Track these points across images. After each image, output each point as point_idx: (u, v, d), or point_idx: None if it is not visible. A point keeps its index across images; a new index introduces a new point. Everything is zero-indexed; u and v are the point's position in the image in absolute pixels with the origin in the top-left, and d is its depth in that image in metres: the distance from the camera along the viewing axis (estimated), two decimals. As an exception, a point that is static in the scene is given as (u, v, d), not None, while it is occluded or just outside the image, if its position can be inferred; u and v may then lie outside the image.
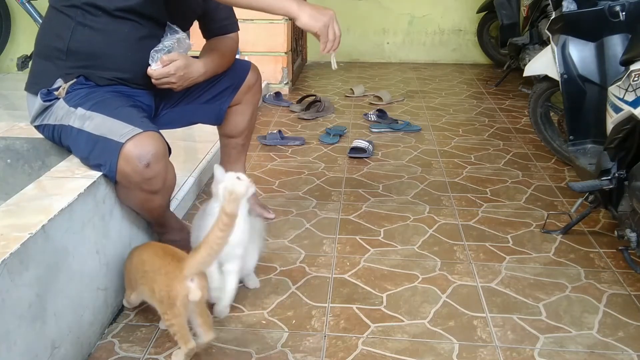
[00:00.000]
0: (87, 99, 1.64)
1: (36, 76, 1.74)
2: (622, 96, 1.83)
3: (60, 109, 1.66)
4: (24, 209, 1.35)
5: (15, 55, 3.92)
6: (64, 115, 1.64)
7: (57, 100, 1.67)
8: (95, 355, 1.51)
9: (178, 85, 1.76)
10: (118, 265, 1.66)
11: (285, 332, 1.59)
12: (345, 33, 5.39)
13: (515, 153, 3.02)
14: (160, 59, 1.69)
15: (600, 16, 2.28)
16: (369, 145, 2.98)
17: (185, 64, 1.74)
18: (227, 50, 1.97)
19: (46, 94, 1.68)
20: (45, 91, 1.68)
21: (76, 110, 1.62)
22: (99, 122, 1.57)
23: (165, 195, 1.70)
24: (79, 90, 1.66)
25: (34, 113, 1.72)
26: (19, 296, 1.18)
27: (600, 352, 1.53)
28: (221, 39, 1.98)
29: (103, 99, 1.64)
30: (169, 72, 1.70)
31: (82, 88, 1.67)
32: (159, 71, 1.70)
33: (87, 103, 1.62)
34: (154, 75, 1.70)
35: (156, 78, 1.71)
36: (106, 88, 1.69)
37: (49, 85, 1.68)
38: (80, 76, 1.68)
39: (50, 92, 1.68)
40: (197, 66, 1.80)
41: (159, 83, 1.73)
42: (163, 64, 1.69)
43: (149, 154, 1.51)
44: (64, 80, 1.67)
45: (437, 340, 1.57)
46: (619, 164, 1.89)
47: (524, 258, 1.99)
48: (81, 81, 1.68)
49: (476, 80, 4.72)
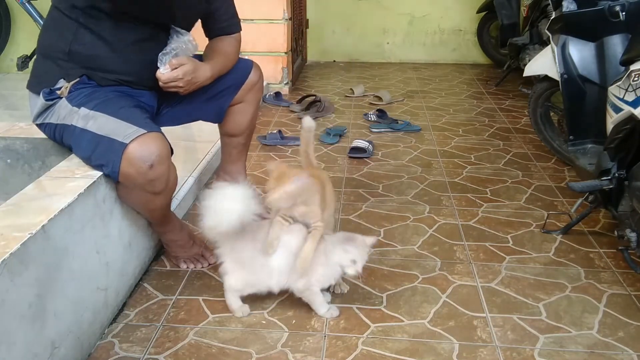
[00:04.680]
0: (90, 98, 1.64)
1: (38, 75, 1.74)
2: (622, 96, 1.83)
3: (62, 108, 1.66)
4: (24, 209, 1.35)
5: (15, 55, 3.92)
6: (67, 115, 1.64)
7: (60, 100, 1.67)
8: (95, 355, 1.51)
9: (185, 89, 1.75)
10: (118, 265, 1.66)
11: (285, 332, 1.59)
12: (346, 33, 5.42)
13: (515, 153, 3.02)
14: (169, 63, 1.68)
15: (600, 16, 2.28)
16: (369, 145, 2.98)
17: (194, 68, 1.73)
18: (231, 51, 1.97)
19: (48, 92, 1.68)
20: (48, 90, 1.68)
21: (79, 110, 1.62)
22: (103, 122, 1.57)
23: (167, 196, 1.70)
24: (82, 90, 1.67)
25: (36, 111, 1.72)
26: (19, 296, 1.18)
27: (600, 352, 1.53)
28: (224, 39, 1.97)
29: (106, 99, 1.64)
30: (177, 76, 1.70)
31: (84, 87, 1.67)
32: (167, 75, 1.69)
33: (90, 103, 1.62)
34: (163, 79, 1.69)
35: (164, 82, 1.70)
36: (109, 88, 1.69)
37: (52, 84, 1.68)
38: (83, 76, 1.68)
39: (53, 91, 1.68)
40: (204, 70, 1.79)
41: (167, 87, 1.72)
42: (172, 68, 1.69)
43: (153, 155, 1.51)
44: (67, 80, 1.68)
45: (437, 340, 1.57)
46: (619, 164, 1.89)
47: (524, 258, 1.99)
48: (84, 81, 1.68)
49: (476, 80, 4.72)
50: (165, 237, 1.88)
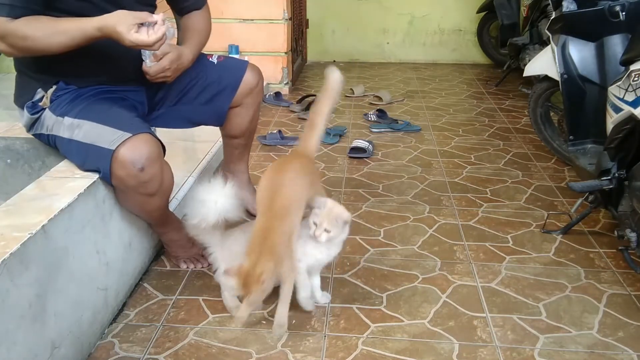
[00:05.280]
0: (72, 105, 1.62)
1: (18, 89, 1.72)
2: (622, 96, 1.83)
3: (48, 118, 1.64)
4: (24, 209, 1.35)
5: (15, 55, 3.92)
6: (54, 125, 1.63)
7: (44, 111, 1.65)
8: (95, 355, 1.51)
9: (172, 77, 1.73)
10: (118, 265, 1.66)
11: (285, 332, 1.59)
12: (346, 33, 5.41)
13: (515, 153, 3.02)
14: (153, 55, 1.64)
15: (600, 16, 2.28)
16: (369, 145, 2.98)
17: (178, 54, 1.70)
18: (204, 26, 1.92)
19: (31, 106, 1.66)
20: (30, 104, 1.66)
21: (63, 120, 1.60)
22: (88, 130, 1.55)
23: (163, 197, 1.69)
24: (64, 97, 1.64)
25: (26, 125, 1.72)
26: (19, 296, 1.18)
27: (600, 352, 1.53)
28: (193, 15, 1.92)
29: (89, 104, 1.61)
30: (165, 66, 1.66)
31: (65, 93, 1.65)
32: (155, 68, 1.66)
33: (73, 110, 1.60)
34: (151, 72, 1.66)
35: (153, 75, 1.67)
36: (90, 89, 1.66)
37: (31, 97, 1.66)
38: (59, 82, 1.65)
39: (35, 104, 1.66)
40: (186, 53, 1.76)
41: (155, 79, 1.69)
42: (157, 59, 1.65)
43: (142, 157, 1.50)
44: (44, 90, 1.65)
45: (437, 340, 1.57)
46: (619, 164, 1.89)
47: (524, 258, 1.99)
48: (61, 87, 1.65)
49: (476, 80, 4.72)
50: (165, 237, 1.88)
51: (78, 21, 1.48)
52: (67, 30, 1.47)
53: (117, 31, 1.45)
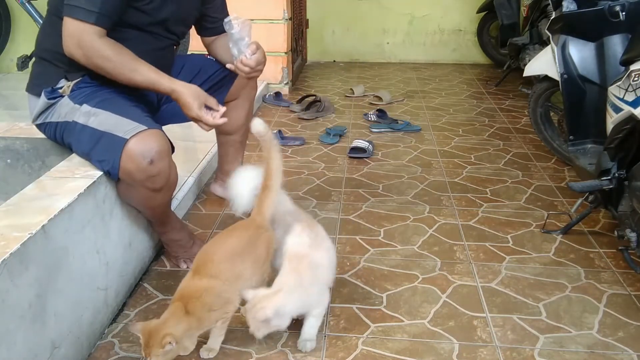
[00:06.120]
0: (92, 96, 1.65)
1: (38, 77, 1.74)
2: (622, 96, 1.83)
3: (64, 106, 1.67)
4: (24, 209, 1.35)
5: (15, 55, 3.92)
6: (68, 112, 1.65)
7: (61, 98, 1.68)
8: (95, 355, 1.51)
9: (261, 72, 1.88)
10: (118, 265, 1.66)
11: (286, 332, 1.59)
12: (346, 33, 5.41)
13: (515, 153, 3.02)
14: (249, 48, 1.71)
15: (600, 16, 2.28)
16: (369, 145, 2.98)
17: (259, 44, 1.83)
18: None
19: (50, 91, 1.69)
20: (50, 89, 1.69)
21: (81, 107, 1.63)
22: (104, 118, 1.58)
23: (168, 193, 1.70)
24: (84, 89, 1.68)
25: (37, 111, 1.72)
26: (19, 296, 1.18)
27: (600, 352, 1.53)
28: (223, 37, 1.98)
29: (109, 97, 1.65)
30: (260, 59, 1.79)
31: (86, 87, 1.68)
32: (255, 58, 1.76)
33: (92, 100, 1.64)
34: (252, 64, 1.76)
35: (254, 67, 1.77)
36: (111, 87, 1.69)
37: (53, 84, 1.69)
38: (85, 76, 1.68)
39: (55, 90, 1.69)
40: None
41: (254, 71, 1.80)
42: (252, 52, 1.74)
43: (153, 150, 1.52)
44: (68, 80, 1.69)
45: (437, 340, 1.57)
46: (619, 164, 1.89)
47: (524, 258, 1.99)
48: (86, 80, 1.69)
49: (476, 80, 4.72)
50: (166, 236, 1.88)
51: (156, 72, 1.63)
52: (146, 75, 1.62)
53: (189, 101, 1.63)
